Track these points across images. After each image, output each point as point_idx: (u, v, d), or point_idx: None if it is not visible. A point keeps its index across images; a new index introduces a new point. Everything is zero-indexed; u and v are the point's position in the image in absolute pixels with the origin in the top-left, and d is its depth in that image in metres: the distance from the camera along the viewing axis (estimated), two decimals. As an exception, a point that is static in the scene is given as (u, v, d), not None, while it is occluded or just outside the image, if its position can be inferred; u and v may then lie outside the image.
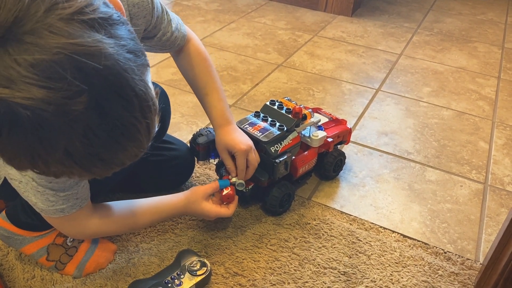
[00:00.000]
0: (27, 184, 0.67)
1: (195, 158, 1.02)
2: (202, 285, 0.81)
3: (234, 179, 0.90)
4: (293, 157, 0.97)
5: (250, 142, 0.88)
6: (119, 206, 0.81)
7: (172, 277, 0.79)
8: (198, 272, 0.80)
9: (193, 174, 1.07)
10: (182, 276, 0.79)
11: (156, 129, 0.51)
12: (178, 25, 0.86)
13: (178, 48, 0.90)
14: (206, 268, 0.81)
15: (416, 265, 0.90)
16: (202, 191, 0.86)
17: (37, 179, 0.66)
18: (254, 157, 0.89)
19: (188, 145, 1.01)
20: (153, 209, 0.83)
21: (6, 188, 0.76)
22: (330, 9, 2.19)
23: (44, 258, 0.82)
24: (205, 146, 0.94)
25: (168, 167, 0.98)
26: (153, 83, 0.84)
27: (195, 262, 0.82)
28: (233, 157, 0.89)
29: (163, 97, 0.85)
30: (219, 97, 0.91)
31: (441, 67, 1.74)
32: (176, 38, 0.86)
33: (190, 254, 0.84)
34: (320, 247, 0.92)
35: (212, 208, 0.86)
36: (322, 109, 1.18)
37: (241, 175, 0.89)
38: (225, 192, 0.88)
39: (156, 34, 0.81)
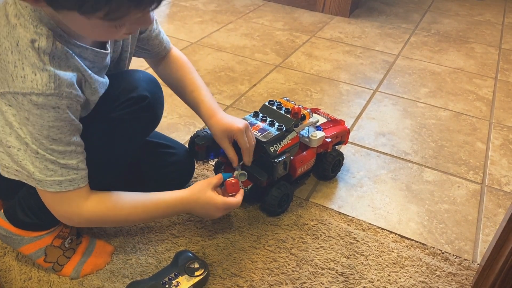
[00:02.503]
0: (26, 151, 0.66)
1: (194, 160, 1.02)
2: (200, 286, 0.81)
3: (235, 172, 0.90)
4: (292, 157, 0.97)
5: (244, 121, 0.89)
6: (121, 194, 0.79)
7: (170, 277, 0.79)
8: (196, 273, 0.80)
9: (191, 175, 1.06)
10: (179, 277, 0.79)
11: None
12: (163, 33, 0.91)
13: (164, 53, 0.93)
14: (204, 268, 0.81)
15: (413, 265, 0.90)
16: (206, 181, 0.85)
17: (36, 141, 0.65)
18: (252, 136, 0.90)
19: (187, 146, 1.01)
20: (155, 202, 0.81)
21: (3, 184, 0.76)
22: (328, 10, 2.19)
23: (42, 259, 0.82)
24: (204, 146, 0.94)
25: (168, 172, 0.97)
26: (143, 72, 0.83)
27: (193, 262, 0.81)
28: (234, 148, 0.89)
29: (153, 84, 0.82)
30: (206, 92, 0.92)
31: (439, 68, 1.75)
32: (161, 42, 0.90)
33: (188, 255, 0.83)
34: (318, 248, 0.92)
35: (219, 197, 0.84)
36: (320, 109, 1.18)
37: (247, 153, 0.89)
38: (228, 180, 0.86)
39: (144, 32, 0.86)
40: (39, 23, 0.62)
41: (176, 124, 1.29)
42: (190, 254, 0.84)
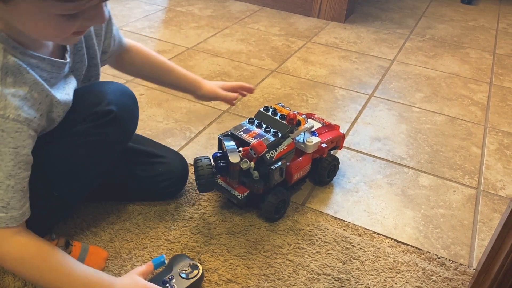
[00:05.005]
0: None
1: (188, 169, 1.01)
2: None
3: (242, 163, 0.89)
4: (288, 163, 0.97)
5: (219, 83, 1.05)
6: (51, 249, 0.69)
7: (164, 281, 0.79)
8: (190, 276, 0.80)
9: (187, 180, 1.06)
10: (173, 280, 0.79)
11: None
12: (119, 31, 0.91)
13: (122, 50, 0.92)
14: (197, 271, 0.81)
15: (409, 270, 0.90)
16: (134, 270, 0.77)
17: None
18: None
19: (180, 152, 1.01)
20: (83, 274, 0.70)
21: None
22: (323, 16, 2.20)
23: None
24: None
25: (161, 181, 0.97)
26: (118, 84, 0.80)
27: (186, 265, 0.81)
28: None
29: (124, 96, 0.77)
30: (180, 69, 1.01)
31: (434, 73, 1.76)
32: (121, 43, 0.92)
33: (182, 259, 0.83)
34: (314, 253, 0.92)
35: (143, 280, 0.75)
36: (315, 114, 1.18)
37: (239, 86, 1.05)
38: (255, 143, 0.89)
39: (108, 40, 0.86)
40: None
41: (172, 130, 1.28)
42: (185, 258, 0.83)
